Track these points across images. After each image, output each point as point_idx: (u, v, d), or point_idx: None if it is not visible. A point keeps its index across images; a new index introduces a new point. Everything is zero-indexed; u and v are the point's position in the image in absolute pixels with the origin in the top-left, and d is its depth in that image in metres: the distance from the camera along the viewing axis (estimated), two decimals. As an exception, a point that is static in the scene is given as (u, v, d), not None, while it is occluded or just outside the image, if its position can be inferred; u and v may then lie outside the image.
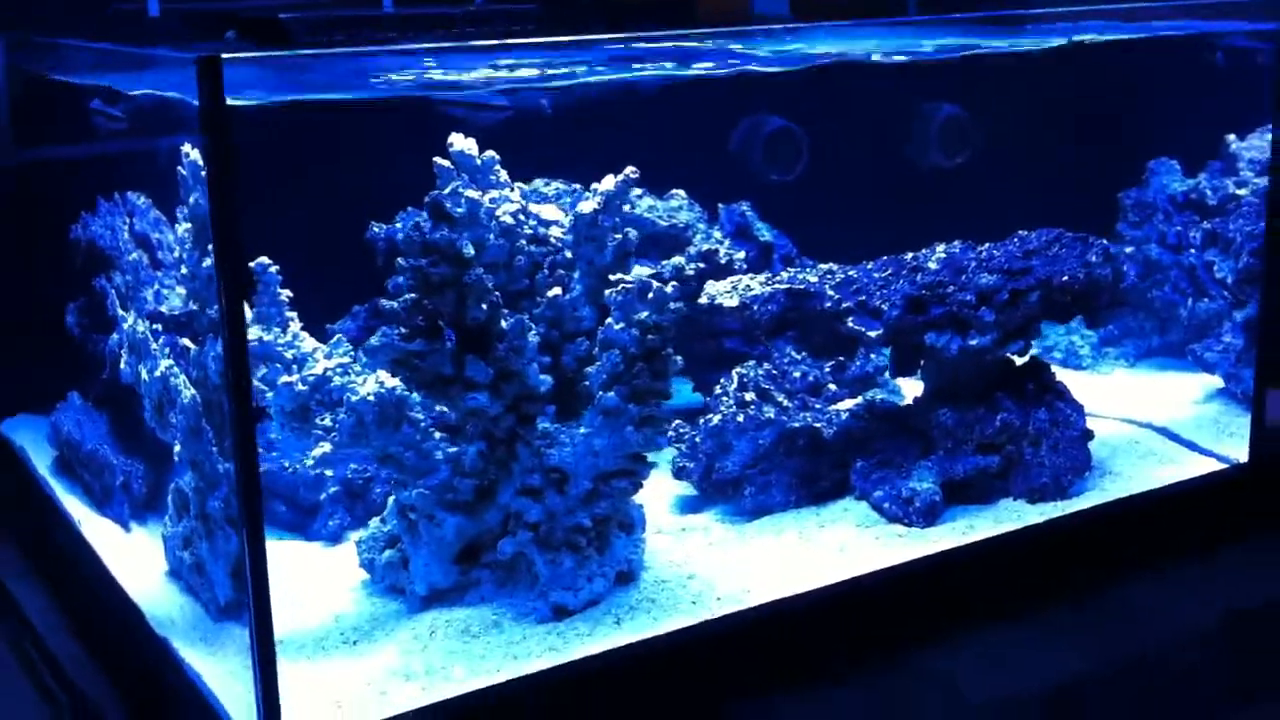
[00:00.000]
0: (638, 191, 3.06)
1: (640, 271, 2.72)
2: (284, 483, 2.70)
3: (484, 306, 2.17)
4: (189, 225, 1.97)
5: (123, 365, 2.35)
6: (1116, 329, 3.44)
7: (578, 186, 3.05)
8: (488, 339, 2.19)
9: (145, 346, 2.21)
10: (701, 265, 2.96)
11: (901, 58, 3.30)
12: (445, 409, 2.23)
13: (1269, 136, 3.11)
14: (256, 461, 1.79)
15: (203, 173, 1.72)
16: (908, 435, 2.72)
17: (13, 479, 2.95)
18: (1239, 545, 2.74)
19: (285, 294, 2.32)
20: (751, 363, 2.88)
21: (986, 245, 2.80)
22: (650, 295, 2.27)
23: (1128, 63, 3.45)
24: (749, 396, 2.79)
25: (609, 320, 2.27)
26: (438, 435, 2.29)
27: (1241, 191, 3.22)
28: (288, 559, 2.62)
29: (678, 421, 2.81)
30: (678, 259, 2.99)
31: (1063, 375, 3.00)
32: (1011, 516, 2.65)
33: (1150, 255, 3.35)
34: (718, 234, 3.11)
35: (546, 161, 3.08)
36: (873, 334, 2.59)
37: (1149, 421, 3.08)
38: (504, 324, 2.20)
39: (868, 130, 3.61)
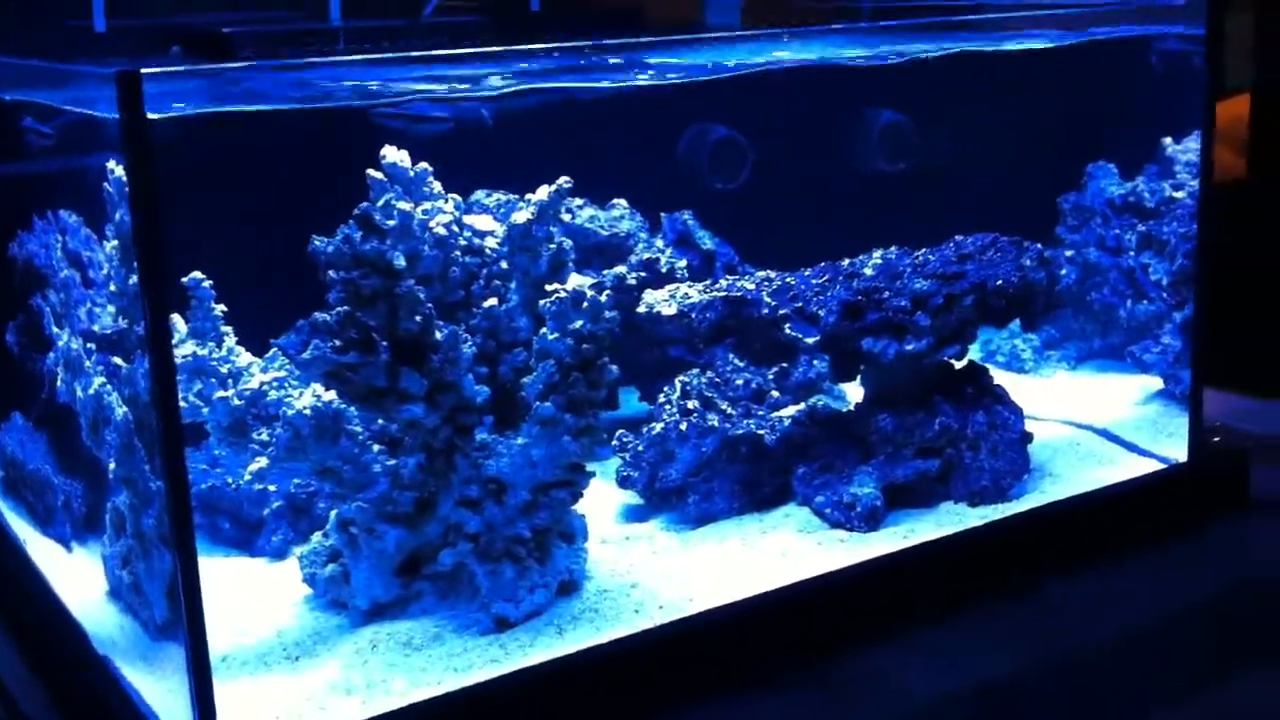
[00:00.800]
0: (579, 201, 3.07)
1: (582, 281, 2.73)
2: (227, 499, 2.70)
3: (417, 318, 2.17)
4: (116, 242, 1.97)
5: (59, 384, 2.34)
6: (1058, 332, 3.48)
7: (522, 197, 3.06)
8: (422, 350, 2.19)
9: (80, 365, 2.20)
10: (643, 274, 2.98)
11: (853, 59, 3.33)
12: (383, 421, 2.23)
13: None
14: (186, 478, 1.79)
15: (126, 190, 1.72)
16: (849, 441, 2.74)
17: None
18: (1180, 544, 2.76)
19: (219, 309, 2.31)
20: (695, 371, 2.90)
21: (923, 250, 2.83)
22: (585, 304, 2.28)
23: (1066, 67, 3.49)
24: (692, 405, 2.80)
25: (543, 330, 2.28)
26: (376, 448, 2.29)
27: (1178, 194, 3.26)
28: (231, 575, 2.61)
29: (621, 431, 2.82)
30: (619, 268, 3.01)
31: (1005, 378, 3.03)
32: (952, 520, 2.67)
33: (1089, 258, 3.39)
34: (660, 243, 3.12)
35: (489, 172, 3.09)
36: (810, 340, 2.61)
37: (1089, 423, 3.11)
38: (438, 335, 2.20)
39: (812, 137, 3.64)
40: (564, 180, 2.38)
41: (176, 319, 2.33)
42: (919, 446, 2.70)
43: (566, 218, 3.02)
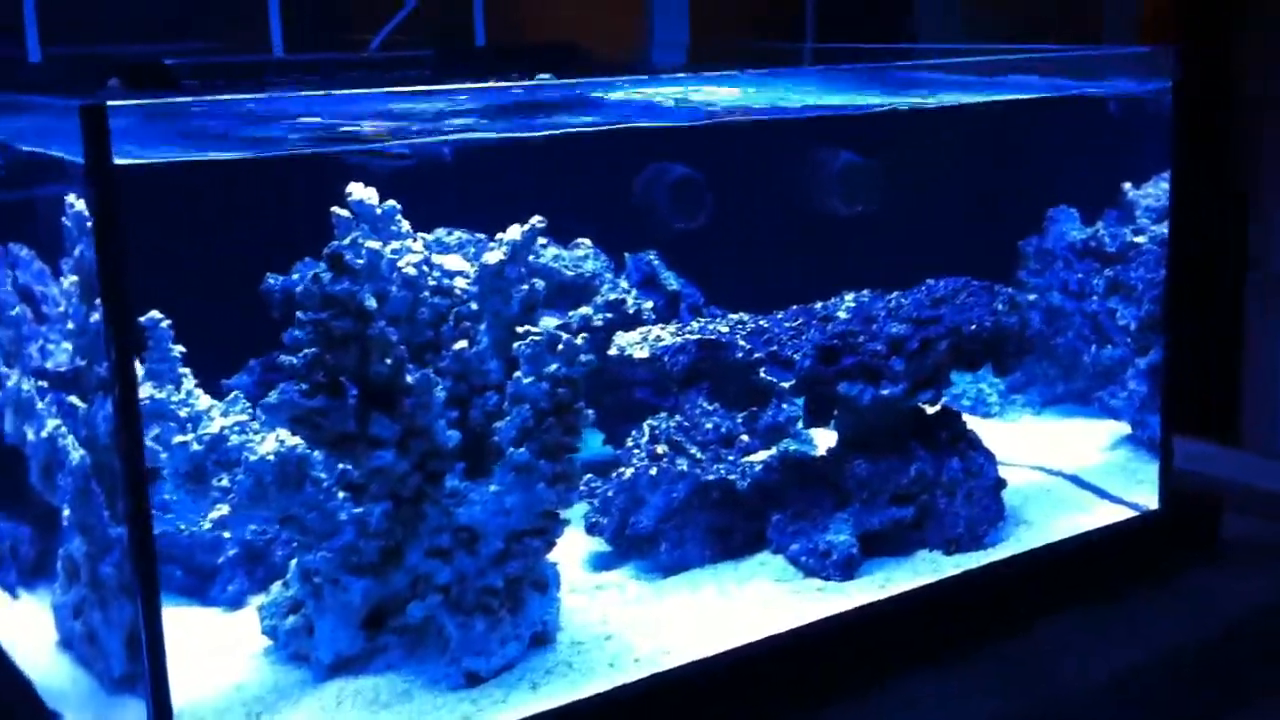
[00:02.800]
0: (543, 241, 3.00)
1: (548, 322, 2.66)
2: (180, 546, 2.57)
3: (388, 361, 2.09)
4: (75, 278, 1.87)
5: (6, 425, 2.23)
6: (1022, 376, 3.45)
7: (481, 236, 2.99)
8: (393, 394, 2.11)
9: (31, 406, 2.09)
10: (609, 315, 2.91)
11: (801, 106, 3.30)
12: (348, 468, 2.14)
13: (1164, 185, 3.15)
14: (151, 525, 1.69)
15: (88, 224, 1.62)
16: (823, 487, 2.69)
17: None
18: (1154, 590, 2.74)
19: (178, 349, 2.21)
20: (663, 414, 2.83)
21: (895, 294, 2.79)
22: (560, 347, 2.20)
23: (1027, 114, 3.49)
24: (660, 449, 2.73)
25: (517, 374, 2.20)
26: (341, 495, 2.20)
27: (1139, 239, 3.26)
28: (186, 626, 2.49)
29: (589, 475, 2.75)
30: (585, 309, 2.93)
31: (972, 423, 3.00)
32: (928, 568, 2.62)
33: (1053, 303, 3.37)
34: (624, 283, 3.06)
35: (448, 210, 3.01)
36: (785, 385, 2.56)
37: (1059, 469, 3.08)
38: (410, 379, 2.12)
39: (772, 178, 3.61)
40: (537, 219, 2.31)
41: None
42: (894, 493, 2.65)
43: (531, 258, 2.95)
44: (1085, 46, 3.08)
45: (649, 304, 2.98)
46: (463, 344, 2.29)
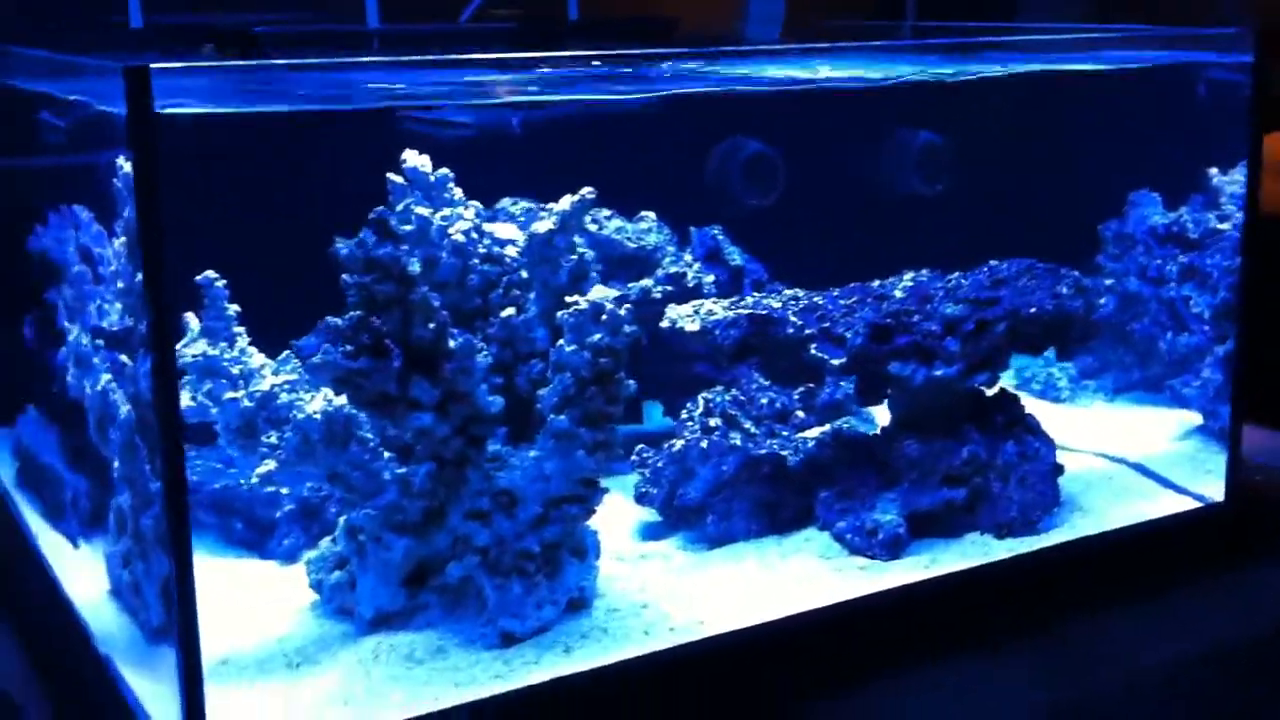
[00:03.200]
0: (606, 213, 3.02)
1: (606, 293, 2.68)
2: (241, 500, 2.66)
3: (431, 326, 2.13)
4: (124, 239, 1.94)
5: (69, 379, 2.32)
6: (1096, 361, 3.40)
7: (550, 206, 3.02)
8: (435, 359, 2.15)
9: (88, 360, 2.17)
10: (669, 288, 2.92)
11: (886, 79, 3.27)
12: (394, 430, 2.19)
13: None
14: (185, 481, 1.75)
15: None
16: (873, 466, 2.68)
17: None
18: (1213, 586, 2.67)
19: (233, 309, 2.28)
20: (719, 388, 2.84)
21: (956, 274, 2.76)
22: (604, 317, 2.23)
23: (1111, 92, 3.42)
24: (714, 422, 2.75)
25: (560, 342, 2.23)
26: (387, 455, 2.25)
27: (1224, 226, 3.17)
28: (240, 577, 2.58)
29: (641, 446, 2.77)
30: (645, 281, 2.96)
31: (1040, 407, 2.97)
32: (977, 551, 2.60)
33: (1129, 288, 3.31)
34: (688, 257, 3.07)
35: (516, 181, 3.05)
36: (835, 362, 2.55)
37: (1124, 457, 3.03)
38: (452, 344, 2.16)
39: (848, 155, 3.58)
40: (587, 191, 2.34)
41: (190, 318, 2.29)
42: (945, 474, 2.63)
43: (593, 229, 2.97)
44: (1159, 27, 2.99)
45: (710, 278, 2.99)
46: (510, 311, 2.32)
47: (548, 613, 2.29)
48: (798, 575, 2.51)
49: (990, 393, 2.75)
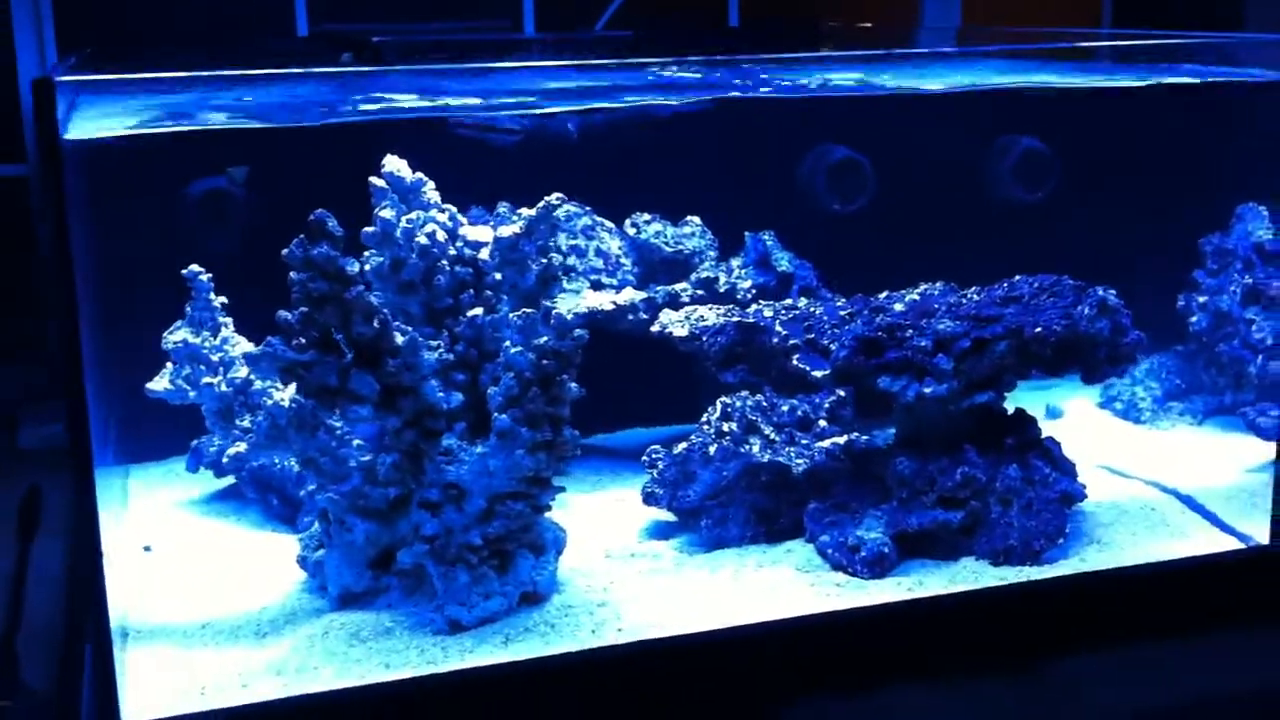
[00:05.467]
0: (646, 216, 3.07)
1: (634, 296, 2.74)
2: (276, 477, 2.86)
3: (374, 323, 2.24)
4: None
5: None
6: (1183, 382, 3.19)
7: (584, 209, 3.10)
8: (379, 354, 2.26)
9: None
10: (700, 292, 2.94)
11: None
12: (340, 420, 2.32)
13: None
14: (91, 472, 1.93)
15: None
16: (870, 481, 2.63)
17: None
18: (1230, 634, 2.48)
19: (219, 300, 2.46)
20: (744, 393, 2.84)
21: (972, 289, 2.67)
22: (551, 320, 2.29)
23: (1225, 103, 3.21)
24: (727, 427, 2.76)
25: (506, 343, 2.30)
26: (356, 443, 2.39)
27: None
28: (264, 549, 2.78)
29: (653, 447, 2.81)
30: (678, 285, 2.99)
31: (1117, 427, 2.82)
32: (968, 577, 2.52)
33: (1220, 306, 3.09)
34: (736, 262, 3.07)
35: (571, 185, 3.12)
36: (818, 374, 2.52)
37: (1175, 488, 2.84)
38: (399, 340, 2.27)
39: (942, 160, 3.48)
40: (554, 197, 2.40)
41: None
42: (940, 495, 2.56)
43: (631, 232, 3.03)
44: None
45: (747, 283, 2.99)
46: (476, 311, 2.41)
47: (495, 604, 2.37)
48: (769, 586, 2.50)
49: (1010, 412, 2.65)
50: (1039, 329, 2.50)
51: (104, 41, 3.82)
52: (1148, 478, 2.90)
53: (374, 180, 2.43)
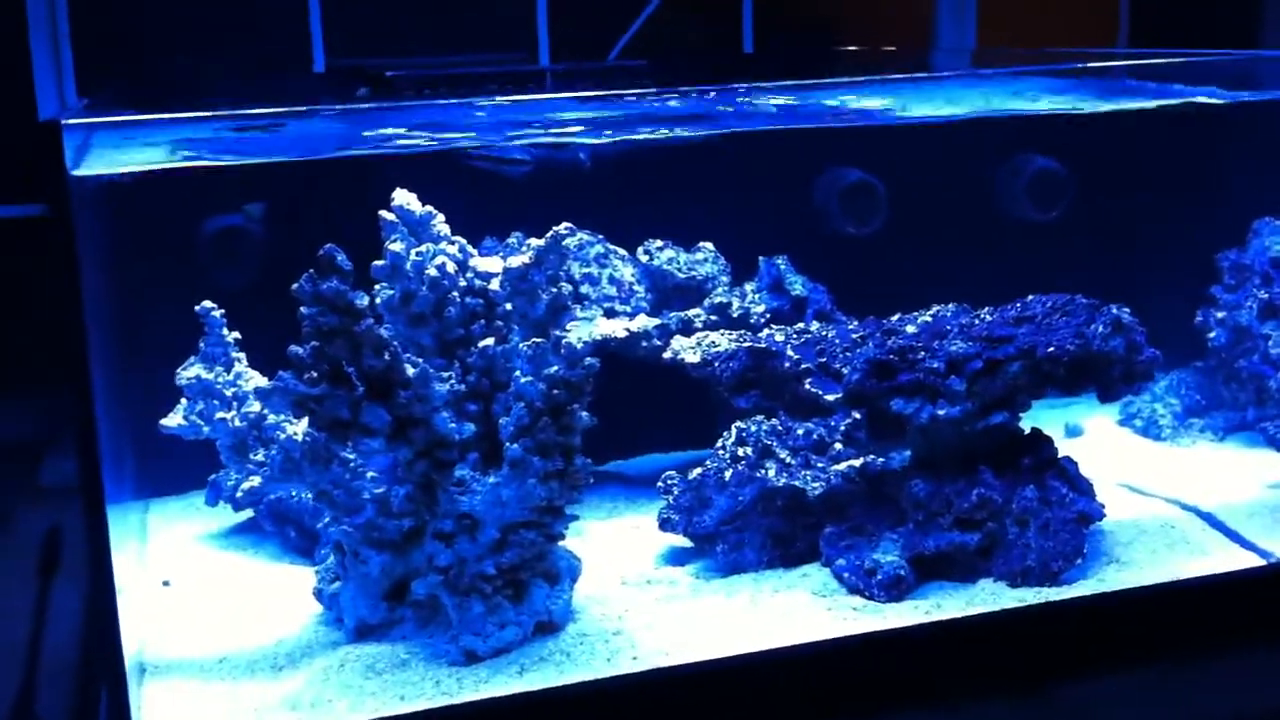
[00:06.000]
0: (659, 243, 3.07)
1: (647, 323, 2.75)
2: (293, 510, 2.87)
3: (385, 355, 2.25)
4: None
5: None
6: (1204, 399, 3.17)
7: (597, 238, 3.10)
8: (390, 386, 2.27)
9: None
10: (714, 318, 2.94)
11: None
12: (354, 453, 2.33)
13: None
14: (102, 502, 1.94)
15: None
16: (886, 504, 2.62)
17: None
18: (1248, 655, 2.45)
19: (232, 336, 2.48)
20: (759, 417, 2.84)
21: (985, 309, 2.66)
22: (561, 350, 2.29)
23: (1240, 120, 3.20)
24: (742, 452, 2.75)
25: (517, 373, 2.31)
26: (371, 475, 2.39)
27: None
28: (282, 581, 2.79)
29: (669, 473, 2.81)
30: (693, 311, 2.99)
31: (1137, 444, 2.80)
32: (986, 599, 2.50)
33: (1240, 321, 3.07)
34: (749, 287, 3.08)
35: (579, 214, 3.13)
36: (831, 397, 2.51)
37: (1196, 505, 2.82)
38: (410, 372, 2.28)
39: (956, 183, 3.48)
40: (563, 226, 2.41)
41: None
42: (957, 516, 2.55)
43: (645, 259, 3.03)
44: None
45: (761, 308, 2.99)
46: (488, 341, 2.42)
47: (510, 633, 2.37)
48: (786, 611, 2.49)
49: (1026, 432, 2.64)
50: (1052, 348, 2.49)
51: (123, 81, 3.87)
52: (1168, 495, 2.88)
53: (383, 214, 2.44)
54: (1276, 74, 3.08)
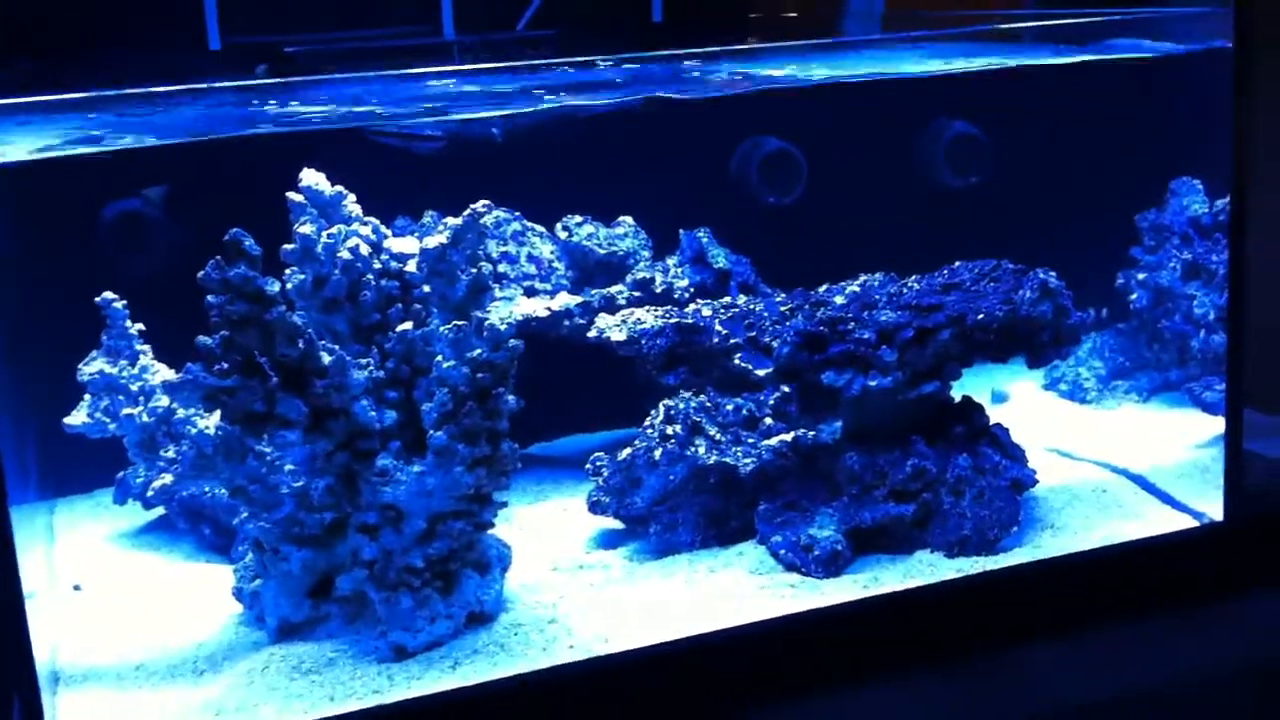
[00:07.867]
0: (577, 219, 3.00)
1: (569, 300, 2.67)
2: (207, 506, 2.76)
3: (299, 343, 2.16)
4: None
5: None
6: (1127, 360, 3.17)
7: (515, 215, 3.02)
8: (305, 375, 2.18)
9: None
10: (637, 294, 2.88)
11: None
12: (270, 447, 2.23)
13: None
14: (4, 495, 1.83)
15: None
16: (819, 478, 2.58)
17: None
18: (1185, 615, 2.45)
19: (136, 328, 2.36)
20: (688, 394, 2.78)
21: (911, 278, 2.62)
22: (484, 332, 2.21)
23: (1154, 78, 3.19)
24: (671, 430, 2.69)
25: (439, 358, 2.23)
26: (288, 469, 2.30)
27: None
28: (197, 581, 2.68)
29: (597, 454, 2.74)
30: (615, 288, 2.92)
31: (1063, 409, 2.78)
32: (924, 570, 2.47)
33: (1161, 283, 3.07)
34: (672, 261, 3.01)
35: (498, 191, 3.05)
36: (761, 372, 2.46)
37: (1126, 468, 2.82)
38: (325, 360, 2.19)
39: (875, 149, 3.44)
40: (481, 204, 2.32)
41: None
42: (891, 488, 2.51)
43: (564, 235, 2.96)
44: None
45: (684, 282, 2.93)
46: (406, 326, 2.33)
47: (441, 627, 2.29)
48: (723, 591, 2.44)
49: (956, 401, 2.61)
50: (981, 315, 2.46)
51: (9, 59, 3.70)
52: (1098, 459, 2.88)
53: (291, 195, 2.34)
54: (1190, 29, 3.06)
